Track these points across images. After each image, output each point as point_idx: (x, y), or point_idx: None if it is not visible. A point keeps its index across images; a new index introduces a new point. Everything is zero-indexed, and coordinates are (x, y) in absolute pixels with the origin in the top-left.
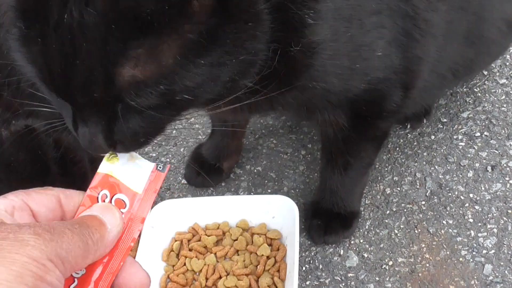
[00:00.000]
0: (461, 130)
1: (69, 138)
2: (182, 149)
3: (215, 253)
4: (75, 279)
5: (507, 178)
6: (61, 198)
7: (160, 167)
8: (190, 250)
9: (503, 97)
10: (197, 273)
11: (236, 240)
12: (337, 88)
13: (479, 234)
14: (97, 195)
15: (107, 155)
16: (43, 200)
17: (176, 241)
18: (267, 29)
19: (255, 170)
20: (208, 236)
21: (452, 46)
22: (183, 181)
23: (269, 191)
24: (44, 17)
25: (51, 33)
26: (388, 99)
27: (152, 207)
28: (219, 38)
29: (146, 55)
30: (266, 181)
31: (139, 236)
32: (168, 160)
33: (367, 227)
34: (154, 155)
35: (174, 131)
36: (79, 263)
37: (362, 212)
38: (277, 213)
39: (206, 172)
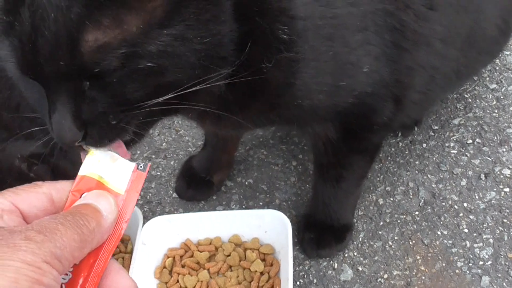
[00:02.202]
0: (453, 138)
1: (67, 165)
2: (172, 162)
3: (208, 269)
4: (63, 285)
5: (501, 186)
6: (52, 195)
7: (141, 167)
8: (183, 266)
9: (494, 102)
10: None
11: (229, 255)
12: (324, 103)
13: (475, 245)
14: (79, 198)
15: (87, 156)
16: (33, 200)
17: (168, 257)
18: (230, 18)
19: (246, 183)
20: (201, 252)
21: (455, 47)
22: (174, 194)
23: (260, 203)
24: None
25: (26, 12)
26: (378, 113)
27: (143, 224)
28: (182, 12)
29: (110, 21)
30: (258, 194)
31: (131, 253)
32: (159, 173)
33: (360, 239)
34: None
35: (164, 144)
36: (77, 256)
37: (355, 224)
38: (270, 227)
39: (197, 185)
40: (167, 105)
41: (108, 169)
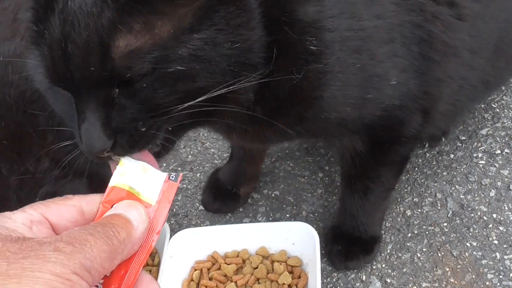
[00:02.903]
0: (481, 148)
1: None
2: (198, 174)
3: (236, 282)
4: None
5: None
6: (82, 207)
7: (172, 177)
8: (210, 279)
9: None
10: None
11: (257, 268)
12: (352, 116)
13: (505, 256)
14: (110, 209)
15: (117, 167)
16: (62, 212)
17: (195, 270)
18: (259, 25)
19: (273, 195)
20: (228, 264)
21: (483, 57)
22: (201, 207)
23: (287, 215)
24: (51, 8)
25: (56, 20)
26: (406, 125)
27: (170, 237)
28: (212, 17)
29: (141, 26)
30: (284, 206)
31: (158, 266)
32: (185, 186)
33: (388, 251)
34: None
35: (190, 156)
36: (107, 267)
37: (383, 236)
38: (297, 239)
39: (223, 198)
40: (195, 112)
41: (139, 180)
